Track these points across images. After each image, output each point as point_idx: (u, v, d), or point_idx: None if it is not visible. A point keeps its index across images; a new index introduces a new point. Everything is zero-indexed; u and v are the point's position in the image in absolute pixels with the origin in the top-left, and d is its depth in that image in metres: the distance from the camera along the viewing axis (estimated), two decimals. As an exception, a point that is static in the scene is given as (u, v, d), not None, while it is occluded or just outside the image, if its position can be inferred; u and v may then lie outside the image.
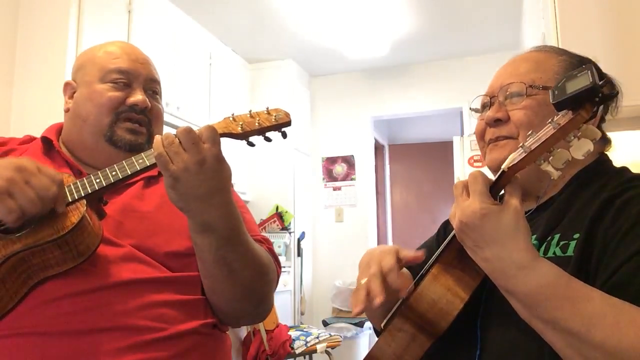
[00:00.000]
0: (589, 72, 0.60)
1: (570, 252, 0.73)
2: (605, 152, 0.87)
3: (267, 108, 0.98)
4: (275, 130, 0.97)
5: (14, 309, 0.87)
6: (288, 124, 0.97)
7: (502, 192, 0.72)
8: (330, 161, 4.93)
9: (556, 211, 0.81)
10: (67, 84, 1.15)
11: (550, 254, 0.76)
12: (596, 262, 0.70)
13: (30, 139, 1.14)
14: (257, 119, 0.96)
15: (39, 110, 2.57)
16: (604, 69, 0.87)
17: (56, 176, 0.86)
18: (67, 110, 1.13)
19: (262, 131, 0.96)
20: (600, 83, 0.59)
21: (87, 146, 1.09)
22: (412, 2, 3.65)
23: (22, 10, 2.70)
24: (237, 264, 0.93)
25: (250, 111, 0.97)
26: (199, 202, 0.86)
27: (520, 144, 0.67)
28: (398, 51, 4.43)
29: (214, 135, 0.87)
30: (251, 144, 0.97)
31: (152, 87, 1.14)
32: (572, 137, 0.63)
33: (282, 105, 1.05)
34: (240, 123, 0.95)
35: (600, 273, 0.69)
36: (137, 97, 1.08)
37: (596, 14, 1.98)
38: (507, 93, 0.88)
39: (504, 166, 0.68)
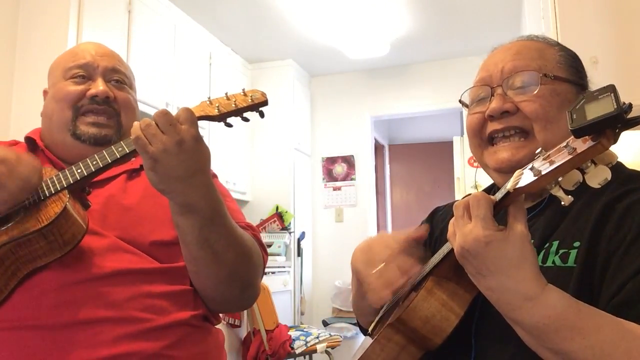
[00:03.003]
0: (612, 94, 0.53)
1: (571, 262, 0.70)
2: None
3: (243, 89, 0.98)
4: (252, 110, 0.97)
5: (3, 303, 0.88)
6: (265, 103, 0.97)
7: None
8: (330, 161, 4.93)
9: (553, 214, 0.77)
10: (43, 92, 1.18)
11: (549, 263, 0.72)
12: (600, 275, 0.67)
13: (16, 143, 1.16)
14: (234, 100, 0.96)
15: (39, 110, 2.56)
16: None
17: (35, 162, 0.91)
18: (41, 114, 1.15)
19: (238, 112, 0.96)
20: (624, 108, 0.52)
21: (57, 144, 1.10)
22: (412, 2, 3.65)
23: (22, 10, 2.70)
24: (219, 245, 0.93)
25: (226, 93, 0.98)
26: (179, 182, 0.86)
27: (530, 165, 0.60)
28: (398, 51, 4.43)
29: (191, 116, 0.87)
30: (229, 125, 0.97)
31: (114, 77, 1.12)
32: (589, 163, 0.56)
33: (282, 105, 1.05)
34: (217, 105, 0.95)
35: (604, 288, 0.66)
36: (97, 87, 1.08)
37: (596, 14, 1.98)
38: (514, 82, 0.82)
39: (509, 187, 0.62)
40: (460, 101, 0.93)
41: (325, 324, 4.30)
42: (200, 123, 0.91)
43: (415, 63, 4.76)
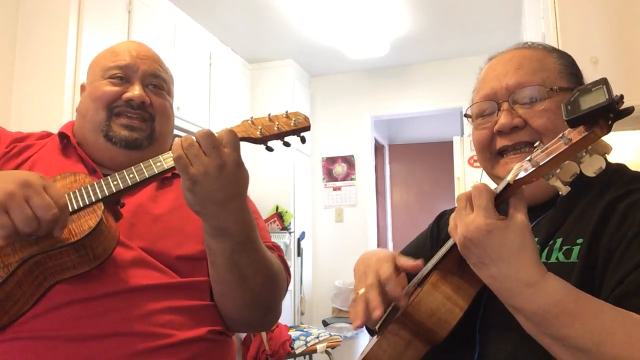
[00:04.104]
0: (605, 87, 0.57)
1: (573, 258, 0.71)
2: None
3: (287, 112, 0.96)
4: (294, 134, 0.95)
5: (28, 312, 0.86)
6: (307, 128, 0.95)
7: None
8: (330, 161, 4.93)
9: (557, 214, 0.79)
10: (81, 86, 1.16)
11: (552, 259, 0.74)
12: (601, 270, 0.69)
13: (47, 135, 1.14)
14: (276, 122, 0.94)
15: (39, 110, 2.57)
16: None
17: (61, 199, 0.82)
18: (76, 110, 1.13)
19: (281, 135, 0.94)
20: (616, 99, 0.56)
21: (89, 143, 1.08)
22: (412, 2, 3.65)
23: (22, 10, 2.70)
24: (249, 270, 0.92)
25: (269, 115, 0.95)
26: (216, 206, 0.85)
27: (528, 158, 0.63)
28: (398, 51, 4.43)
29: (235, 139, 0.86)
30: (270, 149, 0.95)
31: (153, 82, 1.11)
32: (584, 153, 0.60)
33: (282, 105, 1.04)
34: (260, 127, 0.93)
35: (606, 281, 0.68)
36: (134, 91, 1.06)
37: (596, 14, 1.98)
38: (520, 97, 0.83)
39: (509, 178, 0.65)
40: (465, 115, 0.94)
41: (325, 324, 4.30)
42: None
43: (415, 63, 4.76)
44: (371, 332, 1.01)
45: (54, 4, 2.63)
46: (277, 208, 4.35)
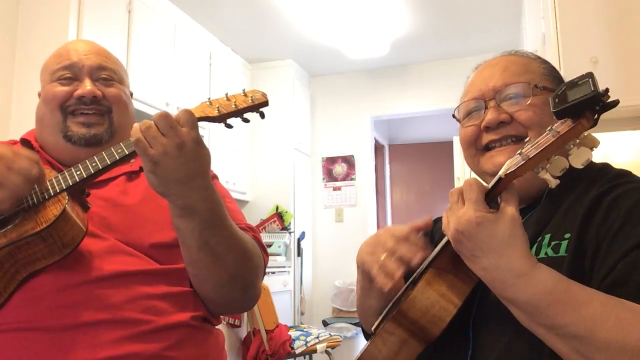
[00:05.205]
0: (590, 80, 0.59)
1: (562, 252, 0.73)
2: None
3: (244, 90, 0.98)
4: (252, 111, 0.97)
5: (3, 305, 0.88)
6: (265, 104, 0.97)
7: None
8: (330, 161, 4.93)
9: (544, 211, 0.81)
10: (38, 94, 1.17)
11: (542, 254, 0.76)
12: (590, 261, 0.70)
13: (14, 142, 1.16)
14: (234, 100, 0.96)
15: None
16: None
17: (33, 155, 0.89)
18: (35, 118, 1.14)
19: (239, 113, 0.96)
20: (601, 92, 0.58)
21: (50, 147, 1.10)
22: (412, 2, 3.65)
23: (22, 10, 2.71)
24: (220, 247, 0.93)
25: (226, 94, 0.97)
26: (179, 185, 0.86)
27: (519, 151, 0.65)
28: (398, 51, 4.43)
29: (192, 118, 0.87)
30: (229, 126, 0.97)
31: (102, 75, 1.11)
32: (572, 146, 0.62)
33: (282, 106, 1.05)
34: (217, 106, 0.95)
35: (595, 272, 0.69)
36: (84, 88, 1.07)
37: (596, 14, 1.98)
38: (506, 94, 0.86)
39: (501, 173, 0.66)
40: (453, 116, 0.96)
41: (325, 324, 4.31)
42: (201, 123, 0.91)
43: (415, 63, 4.76)
44: (367, 337, 1.01)
45: (54, 4, 2.64)
46: (277, 208, 4.35)
